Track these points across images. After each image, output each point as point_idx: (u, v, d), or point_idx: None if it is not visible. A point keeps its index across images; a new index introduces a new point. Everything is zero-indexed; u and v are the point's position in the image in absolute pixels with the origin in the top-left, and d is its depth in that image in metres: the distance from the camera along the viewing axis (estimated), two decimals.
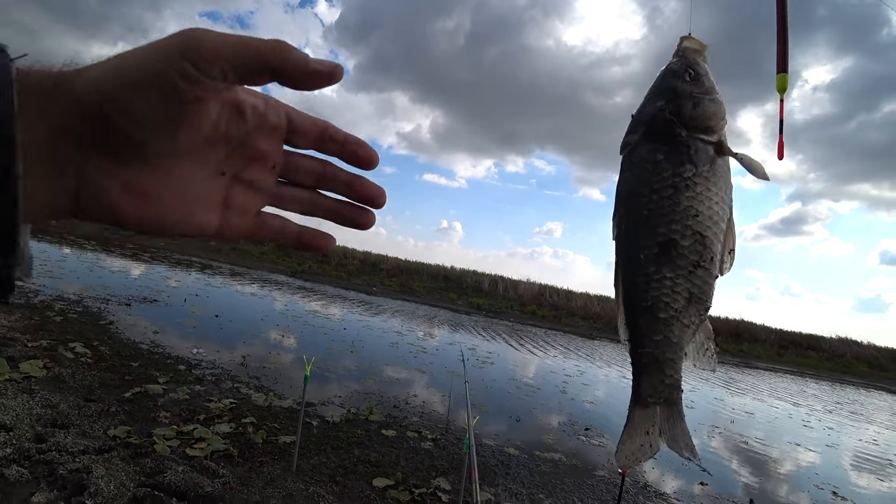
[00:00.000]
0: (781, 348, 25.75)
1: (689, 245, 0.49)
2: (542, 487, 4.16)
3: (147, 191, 0.35)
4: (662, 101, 0.51)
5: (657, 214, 0.49)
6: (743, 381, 14.78)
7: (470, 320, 17.41)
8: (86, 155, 0.32)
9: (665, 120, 0.50)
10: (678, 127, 0.50)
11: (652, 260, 0.50)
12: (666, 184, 0.49)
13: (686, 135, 0.50)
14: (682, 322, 0.52)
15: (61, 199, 0.33)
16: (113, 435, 3.49)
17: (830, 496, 5.50)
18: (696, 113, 0.50)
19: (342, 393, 5.76)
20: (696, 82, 0.51)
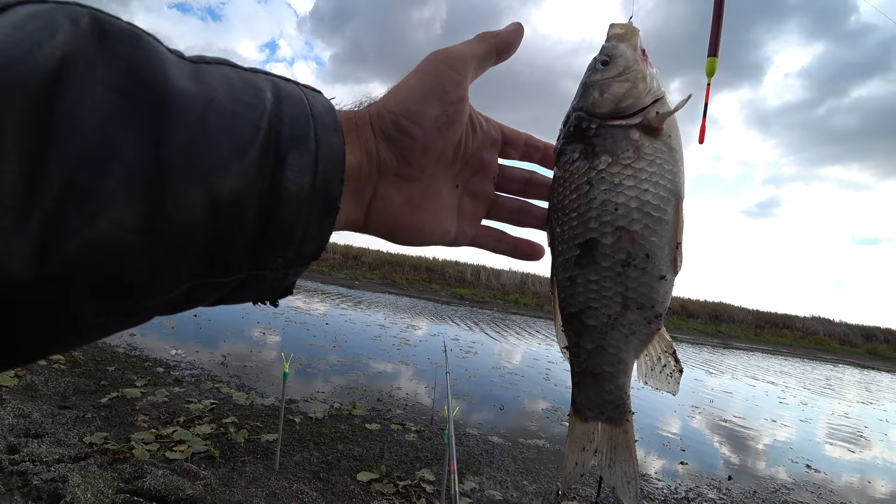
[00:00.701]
0: (758, 328, 26.45)
1: (612, 243, 0.44)
2: (526, 474, 4.21)
3: (419, 202, 0.42)
4: (575, 100, 0.49)
5: (576, 214, 0.45)
6: (722, 361, 15.14)
7: (453, 311, 17.47)
8: (382, 173, 0.39)
9: (576, 117, 0.47)
10: (587, 120, 0.47)
11: (574, 263, 0.46)
12: (581, 181, 0.45)
13: (597, 125, 0.46)
14: (620, 331, 0.46)
15: (357, 215, 0.40)
16: (89, 442, 3.42)
17: (805, 469, 5.68)
18: (604, 99, 0.47)
19: (325, 388, 5.73)
20: (607, 68, 0.48)
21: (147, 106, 0.26)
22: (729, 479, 4.97)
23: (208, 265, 0.30)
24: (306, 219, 0.33)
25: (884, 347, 26.11)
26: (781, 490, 4.89)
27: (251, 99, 0.32)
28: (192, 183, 0.27)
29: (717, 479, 4.90)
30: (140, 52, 0.27)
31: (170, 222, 0.27)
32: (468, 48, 0.42)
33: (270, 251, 0.32)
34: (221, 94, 0.30)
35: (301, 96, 0.35)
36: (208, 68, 0.31)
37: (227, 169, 0.29)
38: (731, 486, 4.78)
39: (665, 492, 4.37)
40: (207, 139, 0.29)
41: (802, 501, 4.68)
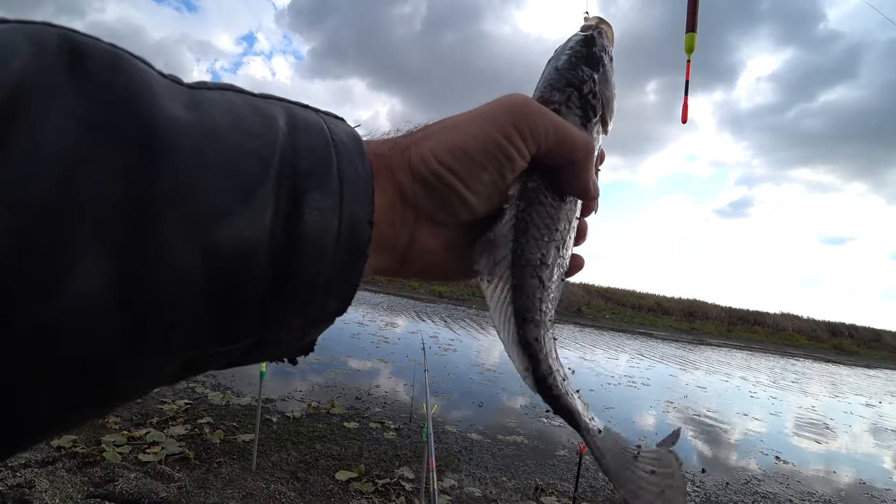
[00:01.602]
0: (731, 325, 27.14)
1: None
2: (505, 470, 4.24)
3: (460, 245, 0.38)
4: (594, 81, 0.45)
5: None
6: (696, 357, 15.49)
7: (432, 308, 17.47)
8: (419, 218, 0.34)
9: (592, 98, 0.45)
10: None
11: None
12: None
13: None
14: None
15: (391, 263, 0.36)
16: (57, 445, 3.32)
17: (774, 460, 5.85)
18: (608, 98, 0.45)
19: (303, 387, 5.67)
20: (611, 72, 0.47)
21: (126, 141, 0.21)
22: (703, 471, 5.09)
23: (207, 335, 0.25)
24: (329, 271, 0.28)
25: (848, 343, 27.06)
26: (752, 481, 5.03)
27: (260, 129, 0.27)
28: (183, 237, 0.22)
29: (692, 472, 5.01)
30: (121, 78, 0.22)
31: (153, 288, 0.22)
32: (571, 132, 0.36)
33: (287, 312, 0.27)
34: (223, 125, 0.25)
35: (321, 125, 0.30)
36: (209, 94, 0.27)
37: (229, 216, 0.24)
38: (704, 478, 4.90)
39: None
40: (204, 180, 0.24)
41: (772, 492, 4.82)
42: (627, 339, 17.68)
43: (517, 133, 0.34)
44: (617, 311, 25.67)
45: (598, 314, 24.58)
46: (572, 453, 4.85)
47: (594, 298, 27.32)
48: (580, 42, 0.43)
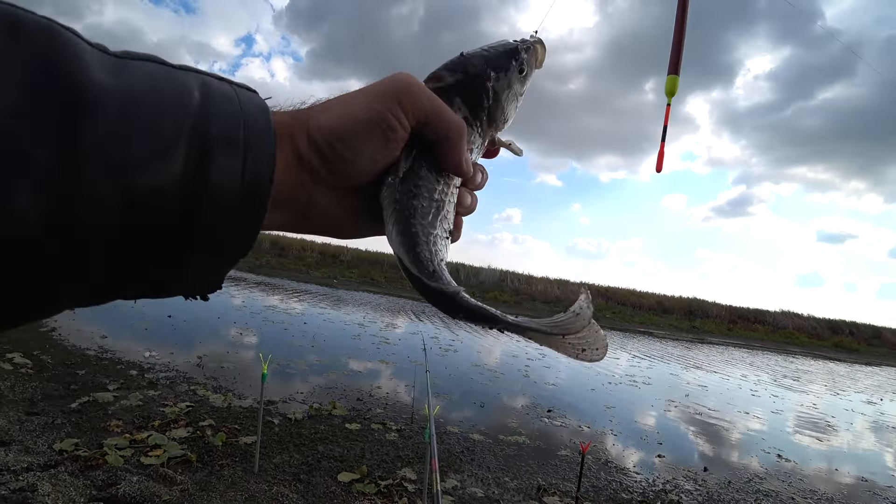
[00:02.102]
0: (731, 323, 27.10)
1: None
2: (507, 470, 4.24)
3: (356, 207, 0.43)
4: (484, 63, 0.51)
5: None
6: (697, 356, 15.48)
7: (433, 309, 17.36)
8: (315, 181, 0.39)
9: (479, 81, 0.51)
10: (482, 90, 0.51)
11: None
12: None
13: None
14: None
15: (292, 220, 0.40)
16: (59, 449, 3.32)
17: (776, 458, 5.85)
18: (501, 96, 0.52)
19: (304, 389, 5.67)
20: (521, 76, 0.52)
21: (60, 101, 0.26)
22: (705, 470, 5.09)
23: (123, 264, 0.30)
24: (232, 219, 0.33)
25: (849, 340, 27.04)
26: (755, 479, 5.03)
27: (176, 97, 0.32)
28: (106, 179, 0.27)
29: (694, 471, 5.01)
30: (55, 46, 0.27)
31: (80, 221, 0.27)
32: (445, 111, 0.42)
33: (192, 250, 0.32)
34: (142, 91, 0.30)
35: (232, 95, 0.35)
36: (133, 64, 0.31)
37: (146, 168, 0.29)
38: (706, 477, 4.90)
39: (643, 484, 4.45)
40: (124, 136, 0.28)
41: (774, 490, 4.82)
42: (628, 338, 17.68)
43: (399, 107, 0.39)
44: (617, 311, 25.66)
45: (599, 313, 24.54)
46: (574, 453, 4.85)
47: (594, 298, 27.26)
48: (502, 45, 0.49)
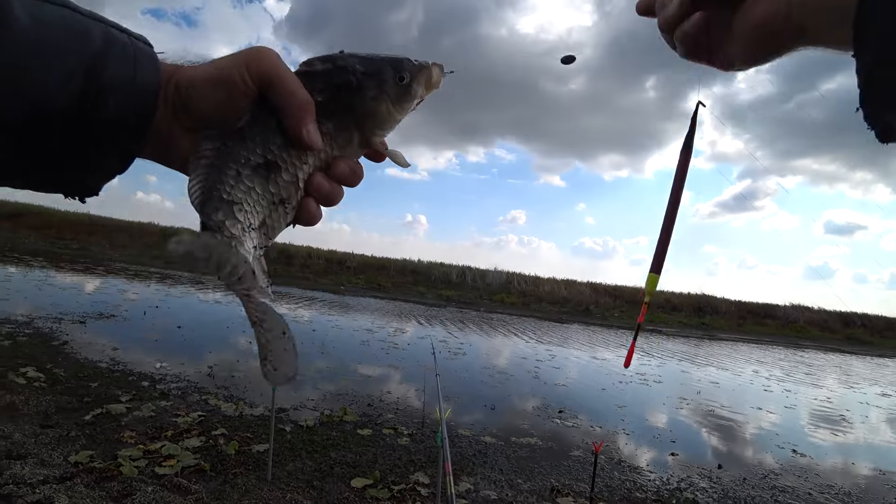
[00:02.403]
0: (741, 319, 26.91)
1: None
2: (520, 472, 4.23)
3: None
4: (359, 61, 0.53)
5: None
6: (707, 352, 15.38)
7: (440, 313, 17.46)
8: (177, 119, 0.47)
9: (345, 76, 0.53)
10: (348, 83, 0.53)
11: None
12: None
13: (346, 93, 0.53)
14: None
15: (158, 147, 0.48)
16: (74, 461, 3.34)
17: (791, 454, 5.80)
18: (370, 101, 0.53)
19: (315, 396, 5.68)
20: (400, 86, 0.54)
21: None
22: (719, 467, 5.05)
23: (30, 158, 0.42)
24: (120, 132, 0.43)
25: (861, 332, 26.77)
26: (770, 475, 4.99)
27: (80, 37, 0.41)
28: (13, 92, 0.37)
29: (708, 468, 4.98)
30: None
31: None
32: (288, 80, 0.46)
33: (86, 152, 0.43)
34: (53, 31, 0.39)
35: (128, 44, 0.45)
36: (49, 8, 0.40)
37: (47, 84, 0.39)
38: (721, 474, 4.86)
39: (657, 483, 4.42)
40: (34, 61, 0.38)
41: (790, 485, 4.78)
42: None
43: (245, 68, 0.45)
44: (626, 309, 25.54)
45: (607, 312, 24.47)
46: (587, 453, 4.83)
47: (601, 297, 27.20)
48: (389, 56, 0.52)
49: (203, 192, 0.47)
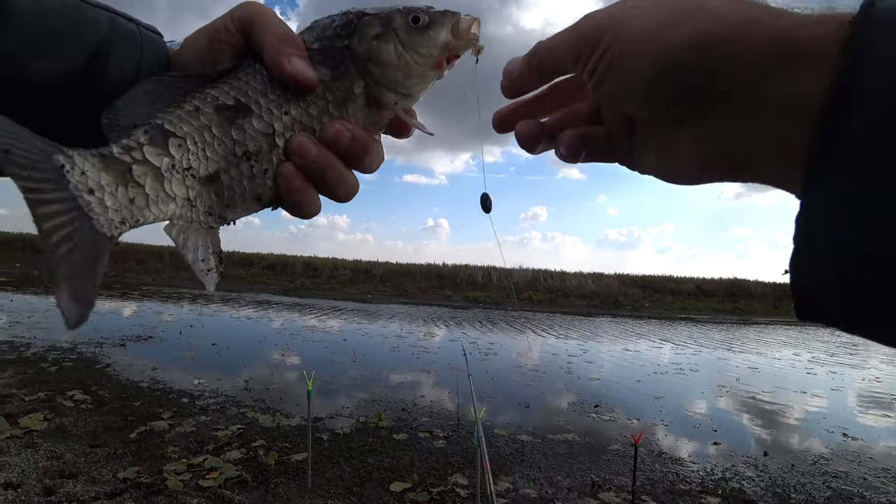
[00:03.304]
0: (777, 301, 26.10)
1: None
2: (559, 469, 4.18)
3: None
4: (357, 11, 0.48)
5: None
6: (743, 337, 14.98)
7: (468, 314, 17.44)
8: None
9: (344, 20, 0.47)
10: (344, 36, 0.47)
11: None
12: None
13: (344, 47, 0.46)
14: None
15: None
16: (123, 477, 3.45)
17: (841, 438, 5.59)
18: (376, 46, 0.45)
19: (349, 403, 5.74)
20: (415, 27, 0.46)
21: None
22: (765, 455, 4.90)
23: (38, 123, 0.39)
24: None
25: None
26: (820, 461, 4.82)
27: (84, 25, 0.41)
28: (6, 75, 0.38)
29: (753, 457, 4.84)
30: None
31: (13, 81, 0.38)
32: (270, 17, 0.43)
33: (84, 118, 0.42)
34: (56, 17, 0.40)
35: (135, 32, 0.45)
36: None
37: (44, 73, 0.39)
38: (767, 462, 4.72)
39: (701, 474, 4.32)
40: (34, 49, 0.39)
41: (843, 471, 4.61)
42: (669, 325, 17.25)
43: (229, 16, 0.43)
44: (656, 299, 25.09)
45: (637, 304, 24.06)
46: (626, 447, 4.75)
47: (630, 288, 26.77)
48: (372, 16, 0.44)
49: (135, 117, 0.39)
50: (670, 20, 0.32)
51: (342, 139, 0.42)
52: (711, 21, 0.31)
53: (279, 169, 0.41)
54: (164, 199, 0.39)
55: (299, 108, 0.42)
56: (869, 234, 0.25)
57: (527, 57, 0.41)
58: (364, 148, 0.43)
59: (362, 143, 0.42)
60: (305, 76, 0.41)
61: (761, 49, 0.29)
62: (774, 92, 0.29)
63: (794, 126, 0.28)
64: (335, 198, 0.44)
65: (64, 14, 0.41)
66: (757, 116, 0.30)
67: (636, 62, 0.33)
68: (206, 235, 0.41)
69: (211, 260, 0.41)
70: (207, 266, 0.41)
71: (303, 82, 0.41)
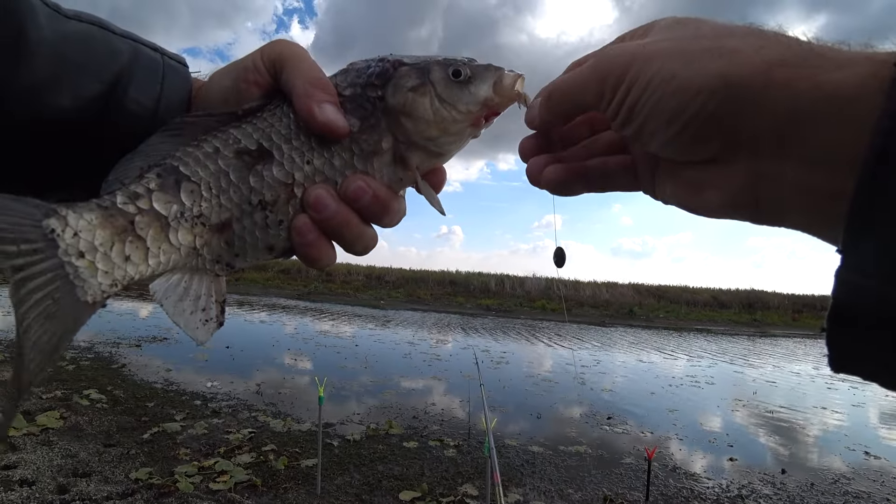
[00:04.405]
0: (796, 313, 25.61)
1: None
2: (571, 482, 4.12)
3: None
4: (396, 61, 0.46)
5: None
6: (761, 350, 14.70)
7: (481, 322, 17.37)
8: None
9: (379, 69, 0.45)
10: (379, 85, 0.44)
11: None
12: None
13: (377, 98, 0.43)
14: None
15: None
16: (135, 478, 3.47)
17: (863, 456, 5.43)
18: (414, 99, 0.42)
19: (360, 410, 5.73)
20: (456, 81, 0.44)
21: (6, 42, 0.35)
22: (783, 472, 4.78)
23: (38, 164, 0.41)
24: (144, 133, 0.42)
25: None
26: (841, 480, 4.68)
27: (102, 57, 0.41)
28: (20, 109, 0.37)
29: (770, 474, 4.72)
30: (11, 4, 0.36)
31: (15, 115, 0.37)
32: (303, 58, 0.41)
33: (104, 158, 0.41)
34: (75, 49, 0.39)
35: (158, 63, 0.44)
36: (77, 25, 0.40)
37: (60, 107, 0.38)
38: (785, 479, 4.60)
39: (716, 490, 4.22)
40: (51, 83, 0.38)
41: (865, 490, 4.47)
42: (685, 336, 16.99)
43: (260, 54, 0.42)
44: (671, 309, 24.75)
45: (652, 314, 23.76)
46: (639, 460, 4.67)
47: (645, 298, 26.46)
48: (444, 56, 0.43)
49: (150, 158, 0.37)
50: (690, 59, 0.31)
51: (363, 197, 0.40)
52: (729, 63, 0.29)
53: (294, 221, 0.39)
54: (167, 251, 0.37)
55: (323, 158, 0.40)
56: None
57: (544, 102, 0.39)
58: (385, 207, 0.41)
59: (383, 202, 0.41)
60: (337, 125, 0.39)
61: (789, 94, 0.27)
62: (806, 139, 0.27)
63: (827, 175, 0.27)
64: (351, 252, 0.42)
65: (86, 44, 0.40)
66: (787, 163, 0.29)
67: (659, 104, 0.32)
68: (211, 283, 0.39)
69: (212, 309, 0.39)
70: (207, 315, 0.39)
71: (333, 131, 0.39)
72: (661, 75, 0.31)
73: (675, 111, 0.31)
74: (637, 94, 0.33)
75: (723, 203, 0.33)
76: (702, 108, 0.30)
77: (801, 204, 0.29)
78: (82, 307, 0.34)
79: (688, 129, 0.31)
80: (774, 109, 0.28)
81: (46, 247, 0.32)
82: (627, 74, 0.33)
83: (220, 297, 0.40)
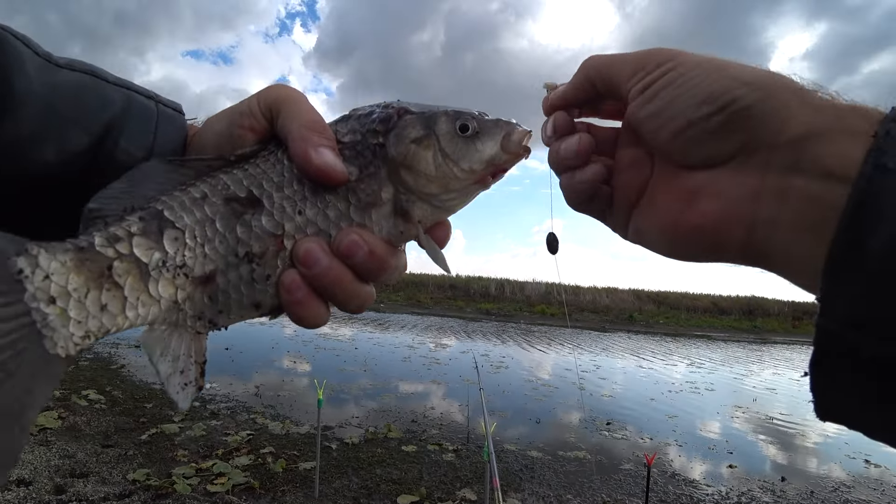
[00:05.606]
0: (796, 320, 25.56)
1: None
2: (569, 487, 4.11)
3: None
4: (403, 108, 0.43)
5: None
6: (761, 357, 14.67)
7: (480, 326, 17.35)
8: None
9: (382, 115, 0.43)
10: (381, 132, 0.42)
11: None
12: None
13: (377, 145, 0.41)
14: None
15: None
16: (132, 479, 3.46)
17: (863, 464, 5.41)
18: (415, 150, 0.40)
19: (359, 413, 5.72)
20: (462, 136, 0.41)
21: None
22: (782, 479, 4.76)
23: (27, 215, 0.39)
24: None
25: None
26: (841, 488, 4.66)
27: (94, 107, 0.39)
28: (4, 164, 0.35)
29: (770, 481, 4.70)
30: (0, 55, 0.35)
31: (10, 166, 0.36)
32: (299, 101, 0.40)
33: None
34: (65, 100, 0.38)
35: (152, 113, 0.43)
36: (68, 74, 0.39)
37: (44, 161, 0.37)
38: (785, 487, 4.58)
39: (716, 497, 4.20)
40: (36, 137, 0.36)
41: (864, 499, 4.45)
42: (685, 343, 16.97)
43: (256, 98, 0.40)
44: (671, 315, 24.72)
45: (651, 319, 23.73)
46: (638, 466, 4.65)
47: (645, 304, 26.43)
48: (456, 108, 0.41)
49: (134, 197, 0.35)
50: (740, 64, 0.33)
51: (357, 253, 0.36)
52: (777, 74, 0.32)
53: (282, 276, 0.36)
54: (145, 303, 0.33)
55: (316, 209, 0.37)
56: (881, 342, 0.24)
57: (582, 66, 0.41)
58: (381, 264, 0.37)
59: (380, 258, 0.37)
60: (334, 170, 0.36)
61: (808, 114, 0.29)
62: (820, 156, 0.28)
63: (828, 190, 0.28)
64: (345, 310, 0.38)
65: (77, 95, 0.38)
66: (796, 178, 0.29)
67: (698, 82, 0.33)
68: (191, 342, 0.36)
69: (191, 371, 0.36)
70: (186, 379, 0.35)
71: (330, 177, 0.36)
72: (714, 63, 0.33)
73: (716, 93, 0.32)
74: (675, 75, 0.34)
75: (717, 215, 0.33)
76: (744, 96, 0.31)
77: (795, 226, 0.29)
78: (52, 361, 0.30)
79: (723, 111, 0.32)
80: (798, 125, 0.30)
81: (10, 290, 0.29)
82: (676, 56, 0.35)
83: (201, 358, 0.37)
